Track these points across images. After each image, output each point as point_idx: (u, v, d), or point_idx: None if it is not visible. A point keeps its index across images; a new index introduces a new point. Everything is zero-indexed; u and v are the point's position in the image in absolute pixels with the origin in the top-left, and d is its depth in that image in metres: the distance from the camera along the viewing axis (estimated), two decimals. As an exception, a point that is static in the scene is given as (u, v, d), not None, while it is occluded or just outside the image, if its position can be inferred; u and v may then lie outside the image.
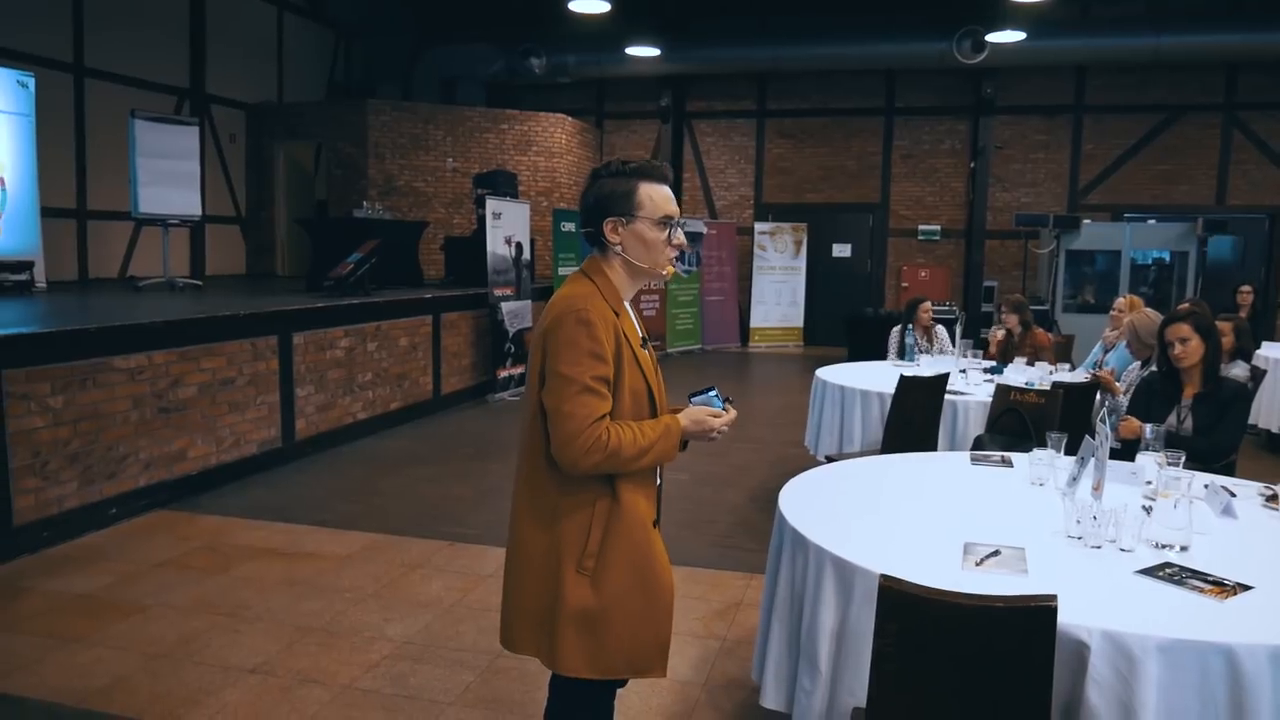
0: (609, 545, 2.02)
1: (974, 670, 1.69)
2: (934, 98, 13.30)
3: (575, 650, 2.02)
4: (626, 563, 2.03)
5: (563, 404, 1.94)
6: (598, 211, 2.09)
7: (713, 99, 14.08)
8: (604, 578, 2.02)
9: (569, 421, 1.93)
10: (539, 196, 12.47)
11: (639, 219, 2.07)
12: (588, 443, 1.93)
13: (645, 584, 2.06)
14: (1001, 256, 13.41)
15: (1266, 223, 12.47)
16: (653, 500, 2.14)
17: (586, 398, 1.94)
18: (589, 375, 1.95)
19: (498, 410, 8.58)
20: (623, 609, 2.03)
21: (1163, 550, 2.39)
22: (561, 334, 1.96)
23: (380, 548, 4.71)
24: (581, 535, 2.02)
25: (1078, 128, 12.90)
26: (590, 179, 2.15)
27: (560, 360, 1.95)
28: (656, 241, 2.09)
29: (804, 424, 7.89)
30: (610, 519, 2.02)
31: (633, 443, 1.98)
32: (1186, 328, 3.66)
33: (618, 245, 2.09)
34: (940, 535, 2.52)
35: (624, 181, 2.08)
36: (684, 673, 3.43)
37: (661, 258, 2.11)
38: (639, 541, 2.05)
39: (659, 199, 2.09)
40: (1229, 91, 12.25)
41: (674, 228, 2.10)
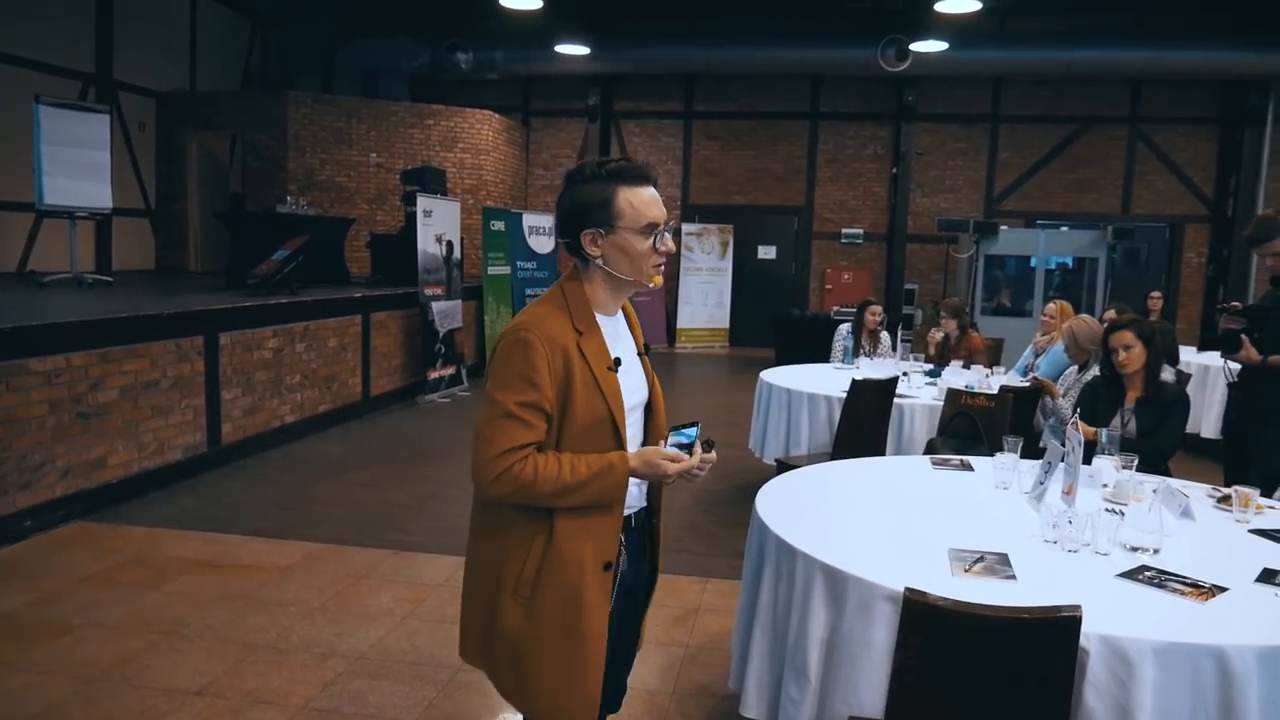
0: (541, 581, 1.87)
1: (997, 681, 1.69)
2: (858, 104, 13.56)
3: (505, 674, 1.93)
4: (557, 600, 1.87)
5: (482, 425, 1.82)
6: (574, 222, 1.90)
7: (641, 99, 14.07)
8: (535, 608, 1.87)
9: (483, 445, 1.81)
10: (465, 194, 12.25)
11: (619, 229, 1.87)
12: (496, 471, 1.79)
13: (571, 634, 1.88)
14: (921, 260, 13.76)
15: (1167, 231, 13.11)
16: (608, 542, 1.92)
17: (507, 423, 1.80)
18: (514, 400, 1.80)
19: (429, 412, 8.38)
20: (549, 647, 1.88)
21: (1137, 553, 2.45)
22: (499, 353, 1.85)
23: (322, 558, 4.53)
24: (518, 561, 1.88)
25: (994, 136, 13.33)
26: (564, 183, 1.94)
27: (491, 380, 1.85)
28: (640, 251, 1.88)
29: (740, 426, 7.94)
30: (545, 555, 1.87)
31: (554, 479, 1.80)
32: (1130, 335, 3.79)
33: (598, 258, 1.89)
34: (922, 541, 2.53)
35: (600, 188, 1.87)
36: (650, 681, 3.39)
37: (647, 267, 1.91)
38: (569, 587, 1.87)
39: (640, 204, 1.87)
40: (1134, 105, 12.83)
41: (660, 234, 1.90)
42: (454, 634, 3.62)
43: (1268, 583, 2.29)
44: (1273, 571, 2.35)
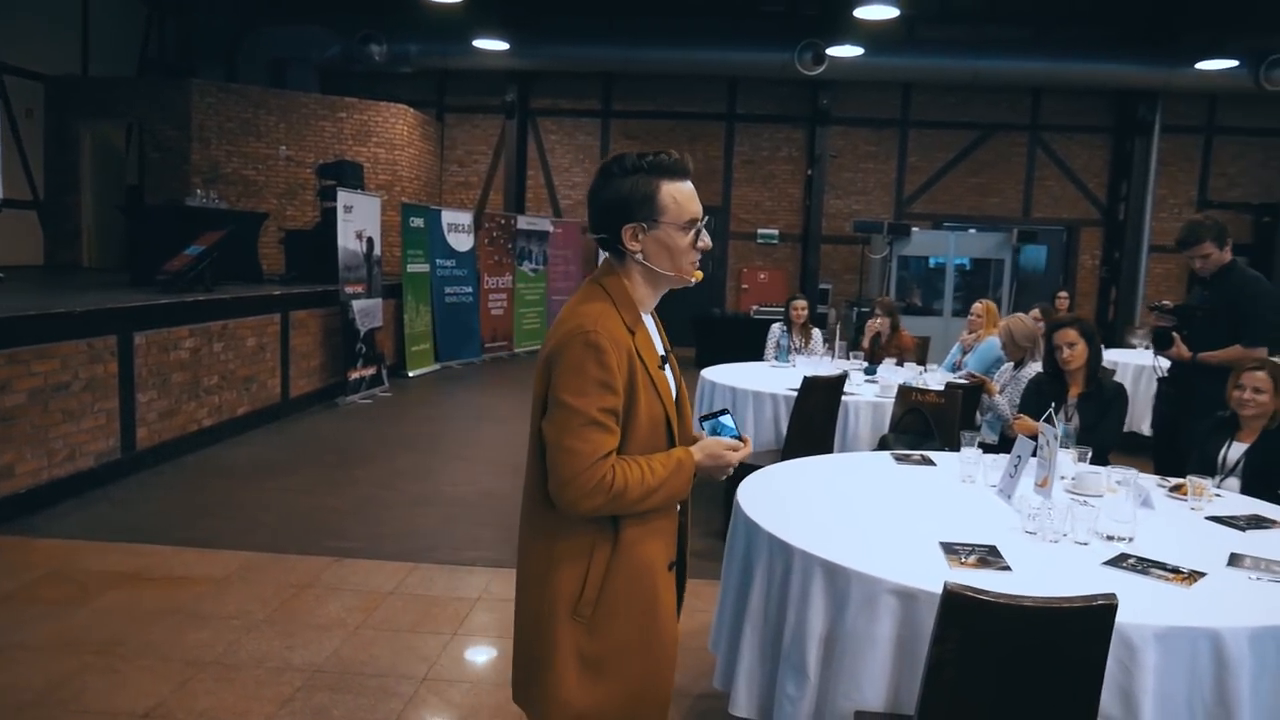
0: (609, 594, 1.80)
1: (1032, 670, 1.72)
2: (773, 106, 13.76)
3: (564, 704, 1.81)
4: (628, 615, 1.81)
5: (564, 438, 1.72)
6: (615, 216, 1.83)
7: (558, 97, 13.96)
8: (603, 627, 1.81)
9: (571, 459, 1.71)
10: (380, 190, 11.91)
11: (663, 224, 1.82)
12: (590, 483, 1.71)
13: (648, 638, 1.85)
14: (834, 260, 14.06)
15: (1064, 234, 13.74)
16: (671, 541, 1.91)
17: (591, 432, 1.72)
18: (595, 407, 1.72)
19: (350, 413, 8.11)
20: (624, 662, 1.83)
21: (1113, 542, 2.54)
22: (568, 358, 1.73)
23: (259, 567, 4.32)
24: (577, 583, 1.79)
25: (904, 141, 13.72)
26: (601, 177, 1.86)
27: (565, 388, 1.72)
28: (682, 247, 1.84)
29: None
30: (611, 566, 1.80)
31: (640, 482, 1.75)
32: (1074, 333, 3.94)
33: (638, 253, 1.84)
34: (911, 536, 2.56)
35: (644, 181, 1.81)
36: (622, 684, 3.33)
37: (686, 263, 1.87)
38: (644, 592, 1.83)
39: (683, 199, 1.84)
40: (1034, 114, 13.40)
41: (700, 230, 1.89)
42: (413, 643, 3.53)
43: (1238, 567, 2.40)
44: (1239, 555, 2.46)
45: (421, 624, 3.76)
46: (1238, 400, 3.46)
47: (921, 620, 2.18)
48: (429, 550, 4.62)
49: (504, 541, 4.82)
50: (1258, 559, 2.43)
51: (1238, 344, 4.24)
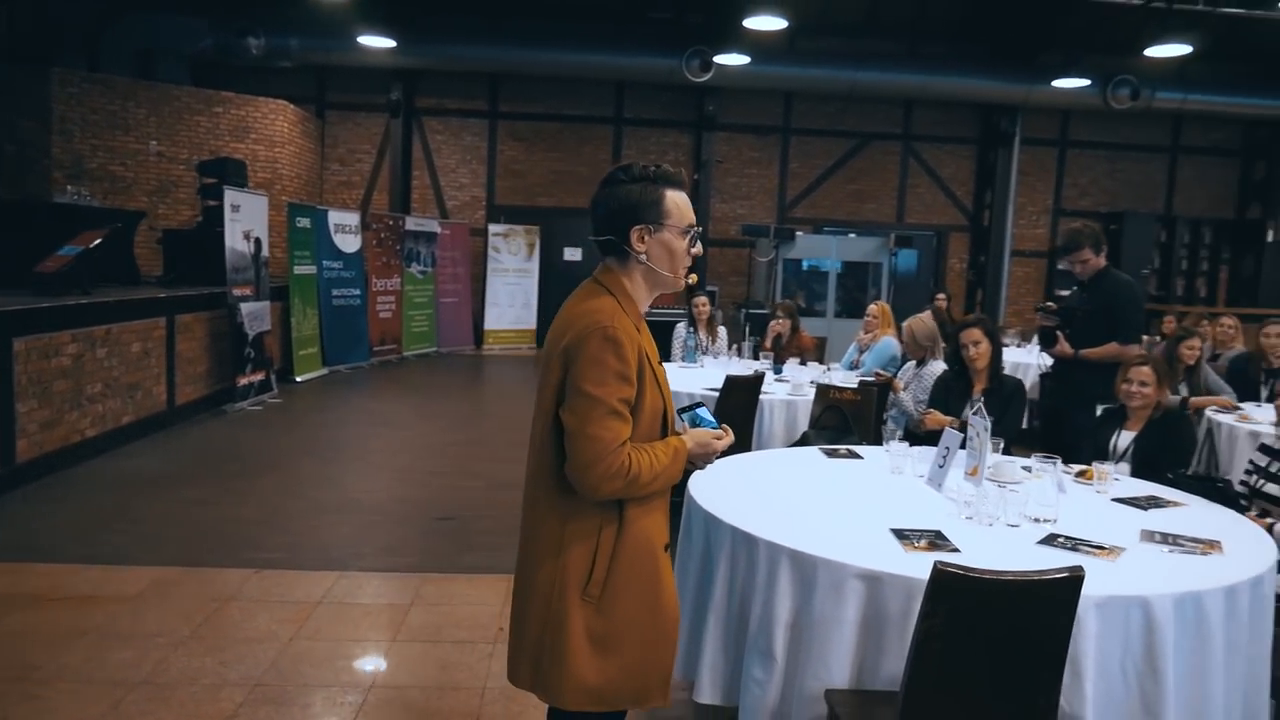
0: (615, 573, 1.91)
1: (1010, 639, 1.89)
2: (660, 111, 13.98)
3: (578, 683, 1.91)
4: (633, 592, 1.93)
5: (587, 426, 1.83)
6: (623, 218, 1.97)
7: (444, 97, 13.77)
8: (611, 606, 1.92)
9: (593, 445, 1.83)
10: (258, 188, 11.46)
11: (666, 227, 1.98)
12: (610, 468, 1.83)
13: (653, 613, 1.97)
14: (721, 263, 14.39)
15: (935, 239, 14.50)
16: (666, 522, 2.04)
17: (612, 421, 1.84)
18: (615, 397, 1.84)
19: (240, 421, 7.80)
20: (631, 638, 1.94)
21: (1040, 523, 2.77)
22: (588, 351, 1.84)
23: (174, 582, 4.14)
24: (586, 563, 1.90)
25: (785, 147, 14.19)
26: (608, 184, 2.01)
27: (586, 379, 1.84)
28: (681, 250, 2.01)
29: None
30: (617, 546, 1.92)
31: (650, 467, 1.88)
32: (979, 332, 4.23)
33: (643, 254, 1.98)
34: (863, 524, 2.73)
35: (652, 188, 1.97)
36: (571, 681, 3.38)
37: (682, 267, 2.03)
38: (647, 569, 1.95)
39: (684, 206, 2.01)
40: (907, 124, 14.10)
41: (694, 237, 2.04)
42: (353, 651, 3.48)
43: (1150, 541, 2.66)
44: (1150, 531, 2.73)
45: (358, 632, 3.70)
46: (1126, 393, 3.80)
47: (885, 601, 2.34)
48: (352, 558, 4.53)
49: (427, 548, 4.78)
50: (1165, 534, 2.70)
51: (1114, 341, 4.63)
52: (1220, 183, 14.39)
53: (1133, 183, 14.33)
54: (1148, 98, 12.50)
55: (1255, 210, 14.11)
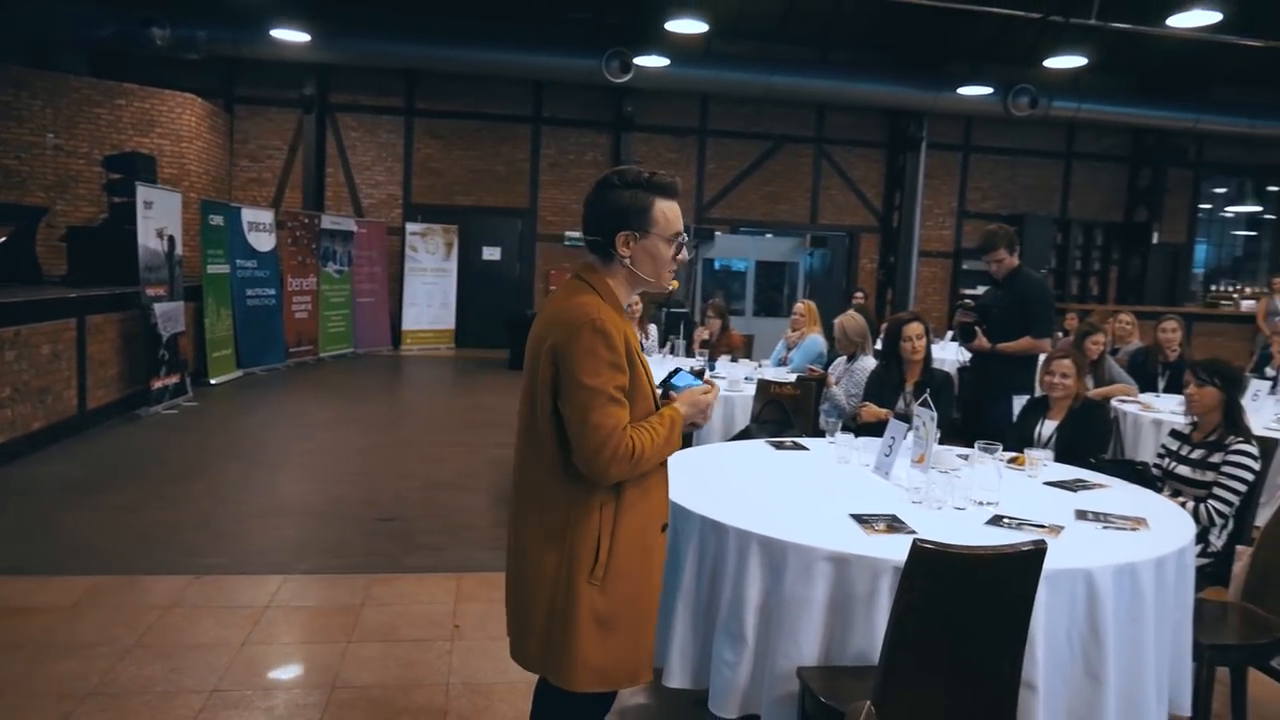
0: (615, 555, 2.00)
1: (982, 608, 2.03)
2: (579, 111, 14.02)
3: (587, 663, 1.99)
4: (630, 573, 2.02)
5: (589, 415, 1.91)
6: (611, 222, 2.05)
7: (359, 93, 13.51)
8: (612, 587, 2.00)
9: (597, 433, 1.90)
10: (165, 184, 11.06)
11: (653, 235, 2.06)
12: (617, 452, 1.91)
13: (643, 590, 2.07)
14: (639, 263, 14.49)
15: (847, 240, 14.94)
16: (663, 502, 2.13)
17: (611, 408, 1.92)
18: (611, 385, 1.93)
19: (156, 425, 7.54)
20: (627, 617, 2.03)
21: (984, 506, 2.95)
22: (580, 344, 1.92)
23: (109, 591, 4.01)
24: (592, 547, 1.98)
25: (702, 149, 14.41)
26: (601, 188, 2.08)
27: (581, 371, 1.91)
28: (666, 258, 2.09)
29: (501, 425, 8.05)
30: (615, 529, 2.00)
31: (651, 444, 1.98)
32: (920, 327, 4.44)
33: (627, 258, 2.06)
34: (823, 510, 2.86)
35: (641, 196, 2.05)
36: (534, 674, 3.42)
37: (666, 273, 2.11)
38: (641, 550, 2.05)
39: (672, 216, 2.08)
40: (819, 128, 14.49)
41: (681, 244, 2.11)
42: (309, 654, 3.45)
43: (1085, 520, 2.86)
44: (1083, 511, 2.94)
45: (311, 635, 3.66)
46: (1048, 384, 4.05)
47: (852, 581, 2.47)
48: (295, 561, 4.46)
49: (371, 549, 4.74)
50: (1097, 513, 2.91)
51: (1028, 336, 4.92)
52: (1110, 187, 15.23)
53: (1031, 186, 15.05)
54: (1045, 106, 13.16)
55: (1141, 213, 14.98)
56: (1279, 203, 15.80)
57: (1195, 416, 3.56)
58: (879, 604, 2.45)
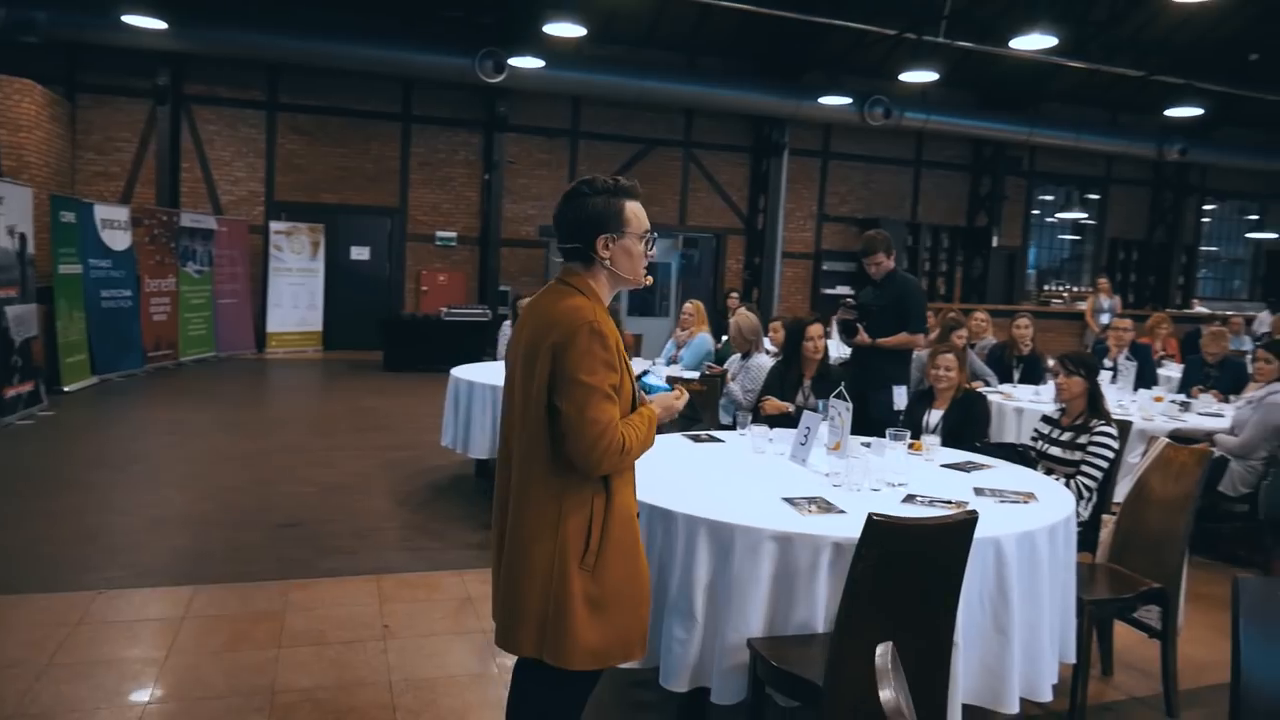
0: (606, 542, 2.14)
1: (923, 574, 2.29)
2: (449, 110, 13.89)
3: (582, 644, 2.12)
4: (620, 556, 2.17)
5: (586, 411, 2.04)
6: (590, 228, 2.18)
7: (217, 84, 12.93)
8: (603, 572, 2.14)
9: (592, 427, 2.04)
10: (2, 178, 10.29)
11: (628, 235, 2.21)
12: (611, 446, 2.06)
13: (634, 574, 2.22)
14: (512, 263, 14.52)
15: (714, 241, 15.42)
16: (633, 493, 2.28)
17: (607, 405, 2.07)
18: (606, 384, 2.07)
19: (12, 437, 7.05)
20: (619, 599, 2.17)
21: (896, 487, 3.25)
22: (578, 345, 2.05)
23: (6, 610, 3.81)
24: (582, 534, 2.12)
25: (574, 150, 14.55)
26: (573, 198, 2.21)
27: (580, 370, 2.05)
28: (639, 254, 2.24)
29: (387, 427, 7.99)
30: (606, 516, 2.15)
31: (636, 438, 2.14)
32: (820, 328, 4.77)
33: (607, 259, 2.20)
34: (756, 495, 3.08)
35: (614, 200, 2.19)
36: (472, 666, 3.51)
37: (641, 269, 2.26)
38: (629, 534, 2.21)
39: (640, 215, 2.24)
40: (687, 132, 14.90)
41: (651, 241, 2.28)
42: (240, 662, 3.42)
43: (983, 496, 3.20)
44: (980, 488, 3.29)
45: (236, 643, 3.61)
46: (934, 377, 4.44)
47: (795, 558, 2.71)
48: (202, 571, 4.35)
49: (281, 555, 4.67)
50: (992, 489, 3.26)
51: (904, 331, 5.33)
52: (955, 194, 16.36)
53: (884, 192, 15.98)
54: (897, 117, 14.02)
55: (982, 219, 16.16)
56: (1099, 210, 17.37)
57: (1064, 403, 4.01)
58: (819, 577, 2.70)
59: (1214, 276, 19.07)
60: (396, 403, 9.38)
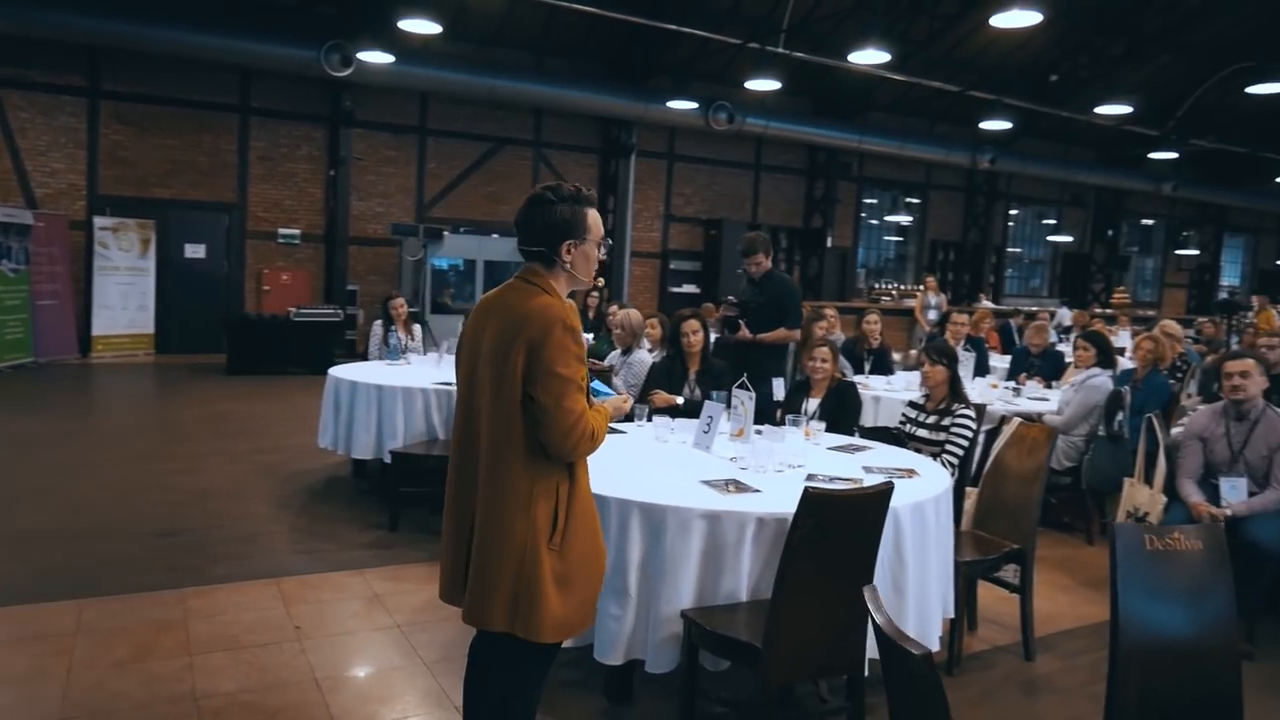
0: (570, 522, 2.32)
1: (849, 540, 2.58)
2: (291, 103, 13.39)
3: (551, 618, 2.28)
4: (582, 535, 2.35)
5: (563, 400, 2.21)
6: (556, 234, 2.34)
7: (30, 68, 11.93)
8: (568, 551, 2.31)
9: (569, 415, 2.22)
10: None
11: (588, 241, 2.38)
12: (584, 432, 2.25)
13: (594, 551, 2.41)
14: (360, 262, 14.18)
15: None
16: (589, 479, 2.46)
17: (579, 395, 2.26)
18: (579, 376, 2.26)
19: None
20: (582, 576, 2.35)
21: (796, 468, 3.57)
22: (554, 340, 2.21)
23: None
24: (550, 516, 2.28)
25: (423, 148, 14.36)
26: (538, 204, 2.35)
27: (556, 363, 2.21)
28: (595, 258, 2.42)
29: (249, 432, 7.75)
30: (570, 499, 2.33)
31: (600, 428, 2.33)
32: (696, 324, 5.04)
33: (569, 263, 2.37)
34: (676, 480, 3.32)
35: (578, 209, 2.36)
36: (395, 659, 3.56)
37: (593, 272, 2.45)
38: (589, 516, 2.40)
39: (598, 222, 2.42)
40: (537, 131, 15.00)
41: (606, 246, 2.48)
42: (154, 670, 3.34)
43: (872, 472, 3.56)
44: (869, 467, 3.65)
45: (142, 654, 3.50)
46: (811, 368, 4.81)
47: (723, 533, 2.96)
48: (84, 585, 4.14)
49: (168, 565, 4.51)
50: (879, 468, 3.63)
51: (782, 327, 5.72)
52: (792, 197, 17.26)
53: (727, 194, 16.64)
54: (740, 122, 14.67)
55: (817, 220, 17.13)
56: (920, 213, 18.76)
57: (929, 389, 4.46)
58: (744, 550, 2.96)
59: (1018, 275, 20.97)
60: (252, 406, 9.03)
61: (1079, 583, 4.82)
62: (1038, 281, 21.27)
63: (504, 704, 2.41)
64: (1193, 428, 4.38)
